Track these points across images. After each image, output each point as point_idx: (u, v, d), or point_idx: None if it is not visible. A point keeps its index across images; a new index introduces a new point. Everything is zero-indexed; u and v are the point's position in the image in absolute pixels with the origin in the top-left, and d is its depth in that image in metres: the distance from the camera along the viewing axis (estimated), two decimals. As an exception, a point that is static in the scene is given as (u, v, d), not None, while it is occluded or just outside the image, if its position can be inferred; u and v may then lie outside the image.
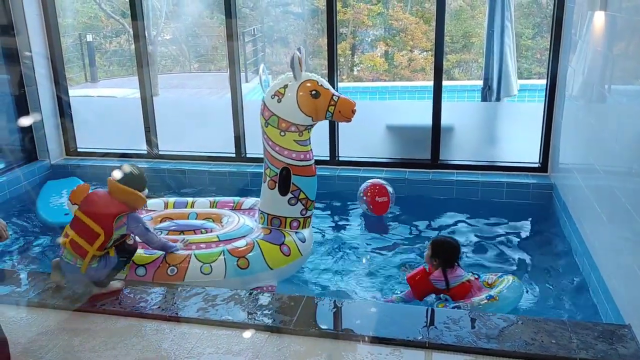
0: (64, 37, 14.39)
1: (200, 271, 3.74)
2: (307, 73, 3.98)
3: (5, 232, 2.70)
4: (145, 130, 6.34)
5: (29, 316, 3.25)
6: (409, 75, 16.36)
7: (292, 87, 3.91)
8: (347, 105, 3.90)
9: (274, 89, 3.98)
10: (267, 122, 3.99)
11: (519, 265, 4.36)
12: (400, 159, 6.06)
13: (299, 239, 4.09)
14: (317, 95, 3.89)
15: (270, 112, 3.96)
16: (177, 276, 3.72)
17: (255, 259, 3.85)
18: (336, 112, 3.91)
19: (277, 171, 4.03)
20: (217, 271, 3.76)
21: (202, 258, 3.79)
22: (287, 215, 4.09)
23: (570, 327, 2.97)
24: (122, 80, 14.50)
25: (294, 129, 3.95)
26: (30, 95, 6.21)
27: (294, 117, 3.92)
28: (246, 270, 3.81)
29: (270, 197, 4.10)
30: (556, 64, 5.28)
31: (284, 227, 4.11)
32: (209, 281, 3.71)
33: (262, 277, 3.88)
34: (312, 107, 3.90)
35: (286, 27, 17.45)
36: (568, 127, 4.95)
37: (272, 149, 4.01)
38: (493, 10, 6.40)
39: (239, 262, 3.81)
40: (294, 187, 4.02)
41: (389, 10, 17.07)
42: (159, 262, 3.76)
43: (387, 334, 2.95)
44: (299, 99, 3.88)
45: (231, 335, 3.02)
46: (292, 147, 3.98)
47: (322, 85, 3.94)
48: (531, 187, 5.40)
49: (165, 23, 17.11)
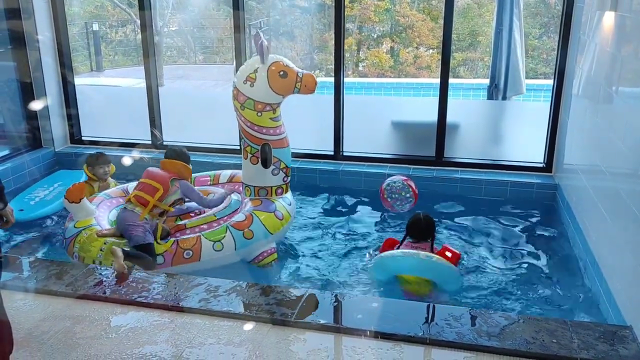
0: (70, 25, 14.34)
1: (213, 249, 4.08)
2: (272, 55, 4.26)
3: (12, 217, 2.70)
4: (150, 120, 6.34)
5: (31, 302, 3.26)
6: (414, 73, 16.32)
7: (262, 70, 4.21)
8: (310, 80, 4.28)
9: (244, 75, 4.26)
10: (243, 105, 4.28)
11: (521, 264, 4.36)
12: (404, 155, 6.05)
13: (286, 203, 4.51)
14: (285, 75, 4.22)
15: (245, 96, 4.25)
16: (194, 258, 4.03)
17: (257, 228, 4.22)
18: (302, 86, 4.26)
19: (258, 147, 4.36)
20: (228, 246, 4.12)
21: (211, 237, 4.11)
22: (272, 185, 4.47)
23: (571, 327, 2.97)
24: (127, 70, 14.49)
25: (269, 108, 4.28)
26: (36, 83, 6.22)
27: (268, 97, 4.25)
28: (252, 240, 4.19)
29: (254, 171, 4.44)
30: (563, 64, 5.26)
31: (270, 195, 4.48)
32: (222, 256, 4.08)
33: (265, 243, 4.28)
34: (282, 86, 4.23)
35: (292, 20, 17.40)
36: (574, 127, 4.94)
37: (250, 129, 4.33)
38: (501, 7, 6.36)
39: (245, 233, 4.17)
40: (275, 159, 4.41)
41: (396, 6, 17.01)
42: (175, 249, 4.03)
43: (388, 329, 2.94)
44: (270, 80, 4.20)
45: (232, 326, 3.02)
46: (269, 124, 4.32)
47: (288, 65, 4.26)
48: (535, 186, 5.39)
49: (172, 14, 17.08)
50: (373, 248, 4.54)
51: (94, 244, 3.98)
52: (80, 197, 4.16)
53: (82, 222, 4.15)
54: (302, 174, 5.79)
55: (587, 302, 3.74)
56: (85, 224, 4.13)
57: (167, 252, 4.02)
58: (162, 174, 4.28)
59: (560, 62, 5.28)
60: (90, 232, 4.06)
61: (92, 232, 4.06)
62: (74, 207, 4.18)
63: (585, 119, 4.54)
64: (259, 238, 4.22)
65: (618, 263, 3.41)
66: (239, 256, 4.22)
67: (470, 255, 4.49)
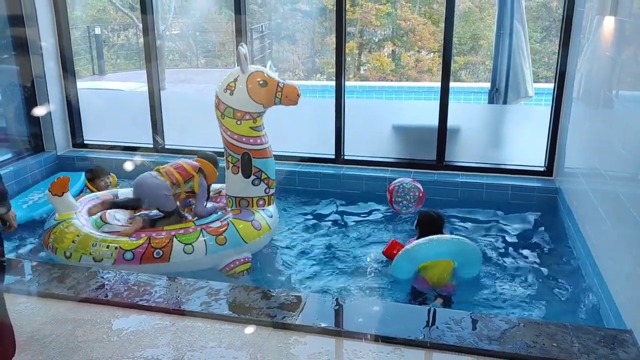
0: (73, 29, 14.39)
1: (184, 251, 4.09)
2: (253, 66, 4.34)
3: (14, 221, 2.73)
4: (152, 123, 6.36)
5: (34, 305, 3.27)
6: (415, 76, 16.34)
7: (242, 80, 4.27)
8: (292, 90, 4.29)
9: (225, 84, 4.32)
10: (223, 114, 4.34)
11: (521, 268, 4.36)
12: (405, 159, 6.06)
13: (266, 215, 4.50)
14: (265, 84, 4.26)
15: (225, 105, 4.31)
16: (163, 258, 4.06)
17: (231, 235, 4.23)
18: (283, 97, 4.28)
19: (239, 157, 4.40)
20: (199, 250, 4.13)
21: (183, 239, 4.14)
22: (253, 195, 4.49)
23: (571, 330, 2.97)
24: (129, 74, 14.53)
25: (248, 117, 4.32)
26: (38, 87, 6.24)
27: (247, 106, 4.29)
28: (224, 246, 4.19)
29: (235, 181, 4.48)
30: (564, 68, 5.27)
31: (251, 206, 4.50)
32: (192, 259, 4.10)
33: (238, 251, 4.26)
34: (262, 95, 4.27)
35: (294, 24, 17.45)
36: (574, 131, 4.95)
37: (230, 138, 4.38)
38: (502, 11, 6.37)
39: (217, 239, 4.18)
40: (255, 169, 4.42)
41: (398, 10, 17.04)
42: (145, 246, 4.06)
43: (388, 333, 2.95)
44: (249, 89, 4.25)
45: (234, 329, 3.04)
46: (249, 133, 4.36)
47: (268, 75, 4.31)
48: (536, 190, 5.40)
49: (174, 18, 17.13)
50: (374, 252, 4.56)
51: (68, 235, 4.13)
52: (63, 191, 4.28)
53: (63, 216, 4.29)
54: (303, 178, 5.80)
55: (587, 305, 3.74)
56: (64, 217, 4.27)
57: (138, 249, 4.06)
58: (195, 163, 4.54)
59: (560, 66, 5.29)
60: (67, 225, 4.19)
61: (69, 225, 4.20)
62: (57, 200, 4.29)
63: (586, 122, 4.55)
64: (232, 245, 4.21)
65: (618, 267, 3.42)
66: (210, 262, 4.19)
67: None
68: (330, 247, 4.74)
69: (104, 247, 4.05)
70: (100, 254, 4.04)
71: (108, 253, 4.03)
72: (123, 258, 4.02)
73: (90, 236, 4.12)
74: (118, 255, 4.03)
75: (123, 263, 4.01)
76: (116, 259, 4.02)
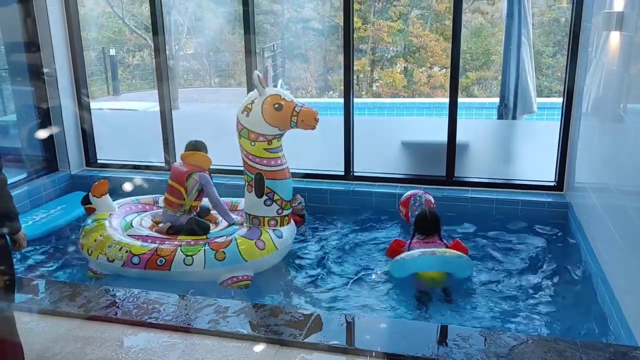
0: (88, 50, 14.70)
1: (184, 262, 4.25)
2: (271, 88, 4.43)
3: (23, 242, 2.78)
4: (164, 142, 6.44)
5: (43, 323, 3.31)
6: (428, 92, 16.37)
7: (258, 102, 4.37)
8: (309, 115, 4.32)
9: (243, 105, 4.44)
10: (240, 134, 4.48)
11: (532, 283, 4.33)
12: (415, 175, 6.08)
13: (275, 235, 4.52)
14: (280, 107, 4.32)
15: (242, 125, 4.44)
16: (164, 266, 4.24)
17: (231, 252, 4.31)
18: (299, 121, 4.32)
19: (253, 176, 4.49)
20: (198, 262, 4.26)
21: (186, 251, 4.30)
22: (265, 215, 4.53)
23: (581, 347, 2.94)
24: (144, 94, 14.73)
25: (262, 138, 4.40)
26: (53, 107, 6.36)
27: (261, 128, 4.38)
28: (223, 262, 4.28)
29: (249, 199, 4.57)
30: (572, 83, 5.27)
31: (263, 225, 4.55)
32: (191, 271, 4.24)
33: (237, 268, 4.33)
34: (276, 119, 4.33)
35: (306, 42, 17.61)
36: (584, 146, 4.93)
37: (246, 158, 4.50)
38: (510, 27, 6.40)
39: (217, 254, 4.29)
40: (268, 189, 4.47)
41: (409, 27, 17.13)
42: (151, 253, 4.27)
43: (396, 350, 2.94)
44: (264, 112, 4.33)
45: (241, 347, 3.04)
46: (263, 154, 4.44)
47: (285, 98, 4.37)
48: (547, 205, 5.37)
49: (187, 38, 17.37)
50: (380, 270, 4.57)
51: (93, 234, 4.43)
52: (101, 193, 4.65)
53: (98, 215, 4.65)
54: (313, 194, 5.82)
55: (597, 321, 3.70)
56: (99, 217, 4.63)
57: (145, 254, 4.27)
58: (180, 173, 4.66)
59: (569, 81, 5.30)
60: (98, 225, 4.53)
61: (99, 225, 4.53)
62: (96, 201, 4.70)
63: (595, 137, 4.54)
64: (230, 262, 4.28)
65: (629, 282, 3.38)
66: (208, 275, 4.31)
67: (480, 273, 4.48)
68: (340, 262, 4.75)
69: (116, 249, 4.32)
70: (113, 255, 4.32)
71: (119, 255, 4.30)
72: (131, 262, 4.26)
73: (109, 237, 4.41)
74: (127, 258, 4.27)
75: (130, 266, 4.27)
76: (125, 261, 4.28)
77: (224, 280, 4.33)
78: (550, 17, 16.32)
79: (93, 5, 16.27)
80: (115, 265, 4.32)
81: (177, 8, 16.59)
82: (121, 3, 16.47)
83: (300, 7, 17.58)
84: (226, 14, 16.57)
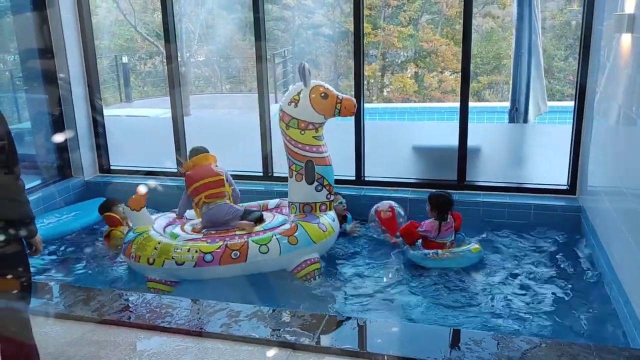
0: (101, 58, 14.84)
1: (259, 251, 4.39)
2: (314, 80, 4.68)
3: (40, 246, 2.82)
4: (176, 148, 6.49)
5: (59, 327, 3.35)
6: (439, 97, 16.35)
7: (305, 93, 4.63)
8: (349, 103, 4.65)
9: (289, 97, 4.68)
10: (288, 125, 4.67)
11: (544, 287, 4.31)
12: (426, 179, 6.06)
13: (330, 218, 4.77)
14: (326, 96, 4.61)
15: (290, 116, 4.65)
16: (240, 258, 4.36)
17: (301, 235, 4.51)
18: (342, 108, 4.63)
19: (302, 165, 4.68)
20: (273, 249, 4.42)
21: (258, 241, 4.45)
22: (316, 201, 4.75)
23: (595, 351, 2.92)
24: (156, 101, 14.82)
25: (311, 126, 4.65)
26: (66, 115, 6.43)
27: (311, 116, 4.62)
28: (296, 246, 4.46)
29: (299, 188, 4.76)
30: (584, 86, 5.25)
31: (314, 211, 4.75)
32: (268, 259, 4.39)
33: (308, 251, 4.52)
34: (323, 107, 4.61)
35: (317, 48, 17.66)
36: (596, 149, 4.90)
37: (295, 147, 4.69)
38: (520, 32, 6.39)
39: (290, 239, 4.47)
40: (318, 175, 4.70)
41: (420, 32, 17.13)
42: (223, 249, 4.38)
43: (407, 354, 2.94)
44: (312, 101, 4.60)
45: (253, 351, 3.06)
46: (312, 142, 4.68)
47: (328, 88, 4.66)
48: (559, 209, 5.34)
49: (198, 45, 17.50)
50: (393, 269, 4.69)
51: (150, 244, 4.50)
52: (141, 206, 4.67)
53: (141, 229, 4.67)
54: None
55: (611, 325, 3.68)
56: (142, 230, 4.65)
57: (216, 251, 4.36)
58: (207, 169, 4.92)
59: (580, 84, 5.28)
60: (147, 236, 4.56)
61: (148, 236, 4.57)
62: (135, 214, 4.68)
63: (607, 140, 4.51)
64: (302, 245, 4.47)
65: (642, 286, 3.36)
66: (283, 261, 4.47)
67: (493, 277, 4.47)
68: (353, 265, 4.79)
69: (185, 251, 4.40)
70: (182, 257, 4.38)
71: (189, 256, 4.38)
72: (204, 260, 4.35)
73: (169, 243, 4.50)
74: (199, 257, 4.36)
75: (203, 265, 4.35)
76: (197, 261, 4.36)
77: (295, 266, 4.48)
78: (562, 20, 16.25)
79: (106, 13, 16.45)
80: (185, 268, 4.36)
81: (188, 15, 16.72)
82: (133, 11, 16.63)
83: (310, 14, 17.65)
84: (237, 21, 16.68)
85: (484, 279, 4.46)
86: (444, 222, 4.78)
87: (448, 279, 4.46)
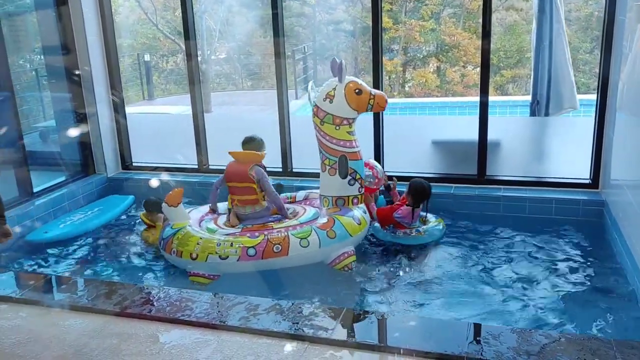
0: (124, 57, 15.02)
1: (300, 245, 4.44)
2: (348, 77, 4.76)
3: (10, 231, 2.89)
4: (196, 144, 6.55)
5: (81, 320, 3.41)
6: (461, 91, 16.22)
7: (339, 89, 4.71)
8: (382, 98, 4.78)
9: (324, 93, 4.75)
10: (323, 120, 4.75)
11: (566, 282, 4.26)
12: (446, 174, 6.03)
13: (362, 211, 4.85)
14: (360, 92, 4.71)
15: (325, 112, 4.73)
16: (282, 252, 4.41)
17: (339, 229, 4.58)
18: (375, 103, 4.74)
19: (336, 159, 4.77)
20: (314, 243, 4.48)
21: (298, 235, 4.50)
22: (349, 194, 4.84)
23: (615, 346, 2.89)
24: (178, 98, 14.98)
25: (345, 122, 4.75)
26: (89, 112, 6.54)
27: (345, 112, 4.72)
28: (334, 239, 4.53)
29: (332, 182, 4.84)
30: (607, 78, 5.17)
31: (347, 204, 4.84)
32: (309, 252, 4.45)
33: (345, 244, 4.59)
34: (357, 102, 4.71)
35: (337, 44, 17.64)
36: (619, 142, 4.82)
37: (329, 142, 4.76)
38: (541, 23, 6.29)
39: (328, 233, 4.53)
40: (351, 169, 4.79)
41: (442, 26, 17.01)
42: (265, 243, 4.42)
43: (424, 347, 2.94)
44: (347, 97, 4.69)
45: (271, 344, 3.09)
46: (346, 137, 4.76)
47: (362, 84, 4.77)
48: (581, 203, 5.27)
49: (219, 43, 17.60)
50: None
51: (191, 239, 4.53)
52: (178, 202, 4.70)
53: (178, 224, 4.68)
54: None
55: (633, 320, 3.63)
56: (180, 226, 4.67)
57: (258, 245, 4.40)
58: (238, 173, 4.83)
59: (603, 76, 5.19)
60: (186, 231, 4.59)
61: (188, 231, 4.60)
62: (172, 210, 4.72)
63: (630, 133, 4.44)
64: (340, 238, 4.54)
65: (665, 280, 3.31)
66: (322, 255, 4.53)
67: (514, 273, 4.44)
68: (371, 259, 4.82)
69: (228, 246, 4.43)
70: (226, 252, 4.41)
71: (233, 251, 4.41)
72: (247, 254, 4.38)
73: (211, 239, 4.53)
74: (242, 252, 4.39)
75: (246, 259, 4.38)
76: (240, 255, 4.39)
77: (333, 259, 4.55)
78: (587, 12, 15.99)
79: (128, 12, 16.66)
80: (228, 262, 4.39)
81: (208, 13, 16.83)
82: (155, 10, 16.80)
83: (331, 9, 17.64)
84: (257, 18, 16.74)
85: (508, 275, 4.42)
86: (416, 208, 5.01)
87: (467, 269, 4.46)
